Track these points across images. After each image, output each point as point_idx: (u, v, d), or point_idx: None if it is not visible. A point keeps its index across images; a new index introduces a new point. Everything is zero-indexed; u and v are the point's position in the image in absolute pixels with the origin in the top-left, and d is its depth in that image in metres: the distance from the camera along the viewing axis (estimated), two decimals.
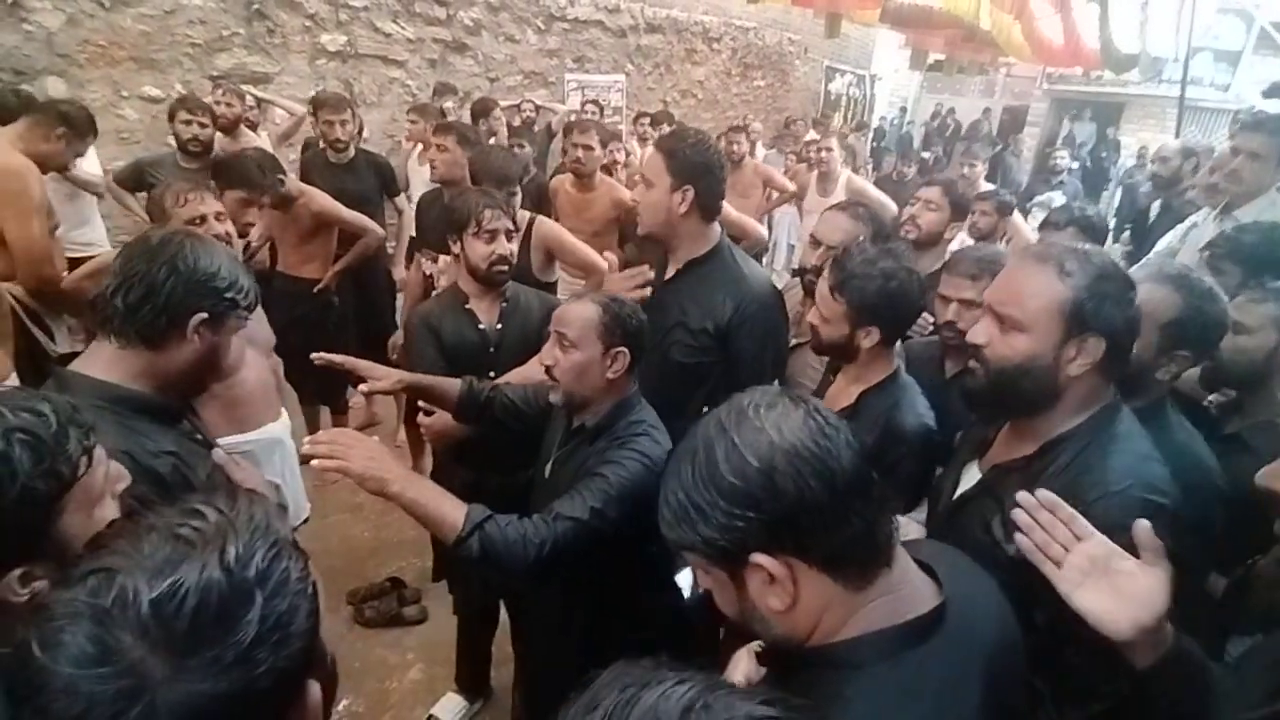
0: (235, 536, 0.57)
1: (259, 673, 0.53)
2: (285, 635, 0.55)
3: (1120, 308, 1.10)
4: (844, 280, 1.56)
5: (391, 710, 2.42)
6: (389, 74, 6.18)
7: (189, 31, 4.93)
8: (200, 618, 0.52)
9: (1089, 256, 1.13)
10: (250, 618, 0.54)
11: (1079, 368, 1.11)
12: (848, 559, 0.76)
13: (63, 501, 0.81)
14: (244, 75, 5.16)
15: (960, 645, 0.78)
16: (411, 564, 3.02)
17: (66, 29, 4.42)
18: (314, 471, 1.32)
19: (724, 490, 0.73)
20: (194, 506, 0.59)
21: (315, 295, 3.34)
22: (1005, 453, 1.22)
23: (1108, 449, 1.11)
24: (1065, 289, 1.09)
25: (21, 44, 4.28)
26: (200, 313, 1.20)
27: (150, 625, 0.51)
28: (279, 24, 5.37)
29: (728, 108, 10.14)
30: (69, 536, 0.81)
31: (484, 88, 6.79)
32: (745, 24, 10.05)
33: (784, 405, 0.78)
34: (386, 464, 1.29)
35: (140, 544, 0.55)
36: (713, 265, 1.88)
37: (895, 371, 1.63)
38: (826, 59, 12.00)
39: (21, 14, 4.25)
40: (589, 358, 1.48)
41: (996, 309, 1.16)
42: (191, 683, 0.51)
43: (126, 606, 0.51)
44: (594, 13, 7.88)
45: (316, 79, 5.62)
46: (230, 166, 2.69)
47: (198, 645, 0.52)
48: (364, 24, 5.90)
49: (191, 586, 0.52)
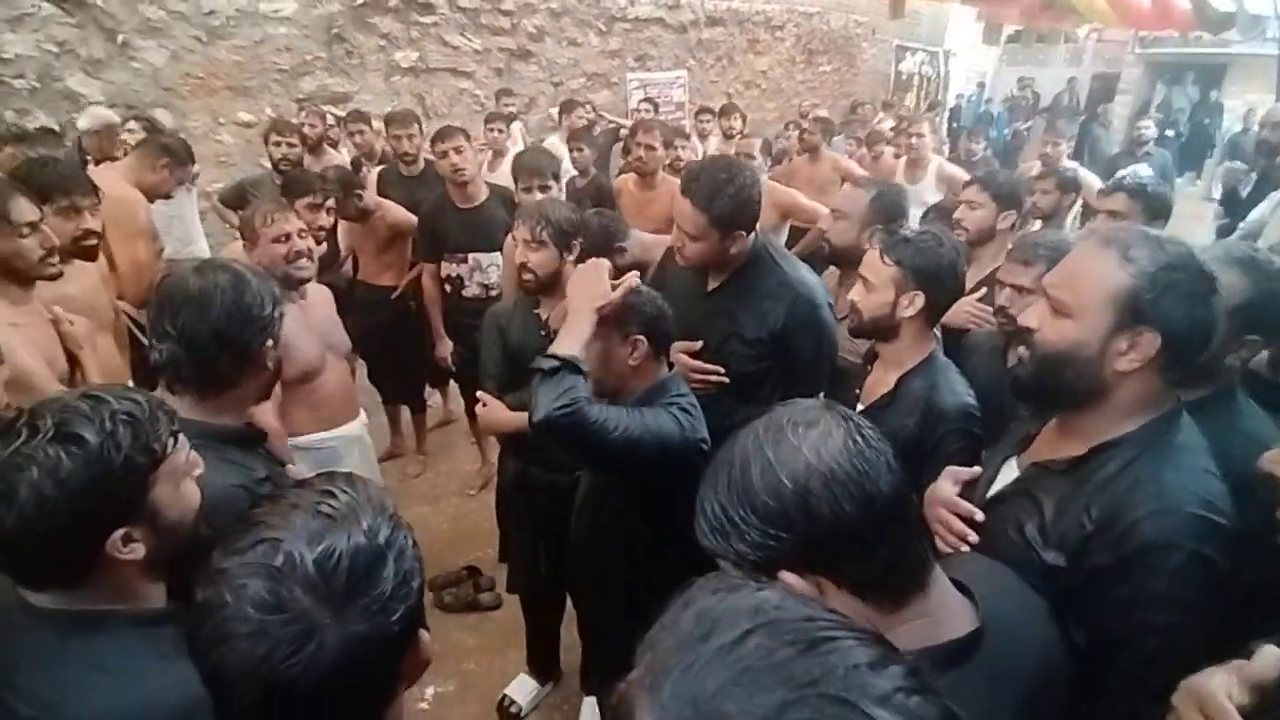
0: (365, 511, 0.69)
1: (394, 619, 0.65)
2: (409, 589, 0.68)
3: (1186, 304, 0.99)
4: (894, 244, 1.58)
5: (473, 691, 2.58)
6: (458, 85, 6.43)
7: (276, 59, 5.30)
8: (353, 575, 0.64)
9: (1162, 244, 1.02)
10: (386, 574, 0.66)
11: (1129, 363, 1.02)
12: (879, 584, 0.75)
13: (155, 474, 0.94)
14: (326, 96, 5.50)
15: (995, 675, 0.76)
16: (486, 554, 3.17)
17: (170, 64, 4.84)
18: (396, 467, 1.45)
19: (758, 509, 0.73)
20: (325, 488, 0.71)
21: (393, 301, 3.54)
22: (1048, 451, 1.15)
23: (1161, 461, 1.02)
24: (1123, 276, 1.01)
25: (131, 80, 4.71)
26: (268, 341, 1.34)
27: (315, 580, 0.63)
28: (356, 45, 5.69)
29: (792, 96, 9.99)
30: (160, 505, 0.95)
31: (548, 92, 6.97)
32: (809, 9, 9.88)
33: (825, 424, 0.76)
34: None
35: (291, 518, 0.67)
36: (757, 272, 1.90)
37: (932, 353, 1.63)
38: (896, 38, 11.62)
39: (130, 53, 4.68)
40: (609, 346, 1.55)
41: (1050, 292, 1.10)
42: (348, 626, 0.63)
43: (295, 567, 0.63)
44: (654, 10, 7.93)
45: (391, 95, 5.92)
46: (292, 179, 2.97)
47: (352, 596, 0.64)
48: (434, 39, 6.16)
49: (343, 550, 0.64)
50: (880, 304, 1.60)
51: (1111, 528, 0.99)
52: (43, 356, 1.80)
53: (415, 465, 3.81)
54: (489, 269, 3.22)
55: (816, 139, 4.61)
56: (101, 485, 0.88)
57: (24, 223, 1.79)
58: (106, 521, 0.90)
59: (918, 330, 1.61)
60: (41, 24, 4.33)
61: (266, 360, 1.36)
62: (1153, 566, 0.95)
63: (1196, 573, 0.95)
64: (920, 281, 1.56)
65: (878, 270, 1.60)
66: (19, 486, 0.84)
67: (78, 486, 0.86)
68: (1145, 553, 0.96)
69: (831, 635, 0.45)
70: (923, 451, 1.47)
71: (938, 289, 1.57)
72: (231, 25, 5.03)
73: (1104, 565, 0.98)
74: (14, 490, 0.84)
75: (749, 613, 0.46)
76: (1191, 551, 0.95)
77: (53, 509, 0.85)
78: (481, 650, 2.75)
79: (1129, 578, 0.97)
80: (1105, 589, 0.96)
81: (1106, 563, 0.98)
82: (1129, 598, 0.95)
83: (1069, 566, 1.01)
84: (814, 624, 0.45)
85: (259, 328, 1.32)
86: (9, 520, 0.84)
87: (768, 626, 0.45)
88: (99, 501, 0.88)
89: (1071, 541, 1.02)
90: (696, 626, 0.46)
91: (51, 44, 4.39)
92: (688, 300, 1.95)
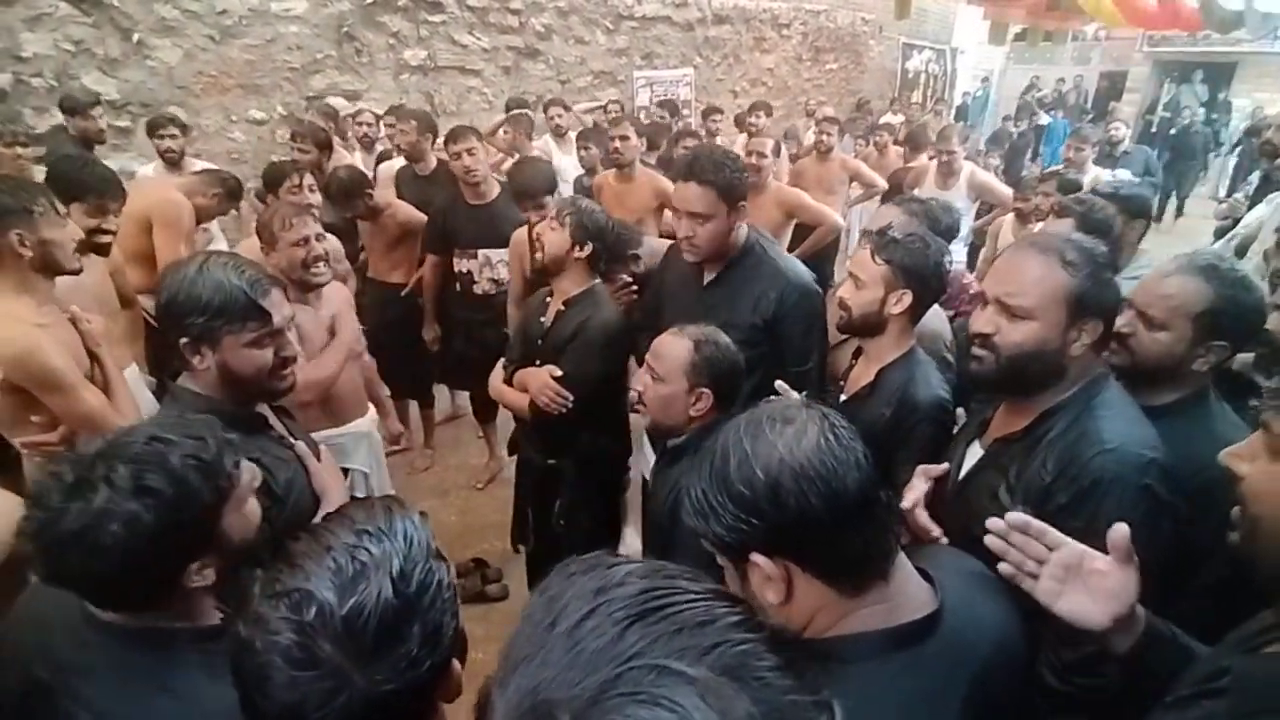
0: (399, 556, 0.71)
1: (423, 670, 0.69)
2: (439, 639, 0.71)
3: (1112, 290, 1.22)
4: (886, 244, 1.66)
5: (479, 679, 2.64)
6: (466, 83, 6.49)
7: (287, 57, 5.37)
8: (380, 632, 0.67)
9: (1083, 245, 1.23)
10: (415, 630, 0.69)
11: (1080, 348, 1.21)
12: (843, 571, 0.81)
13: (225, 507, 1.00)
14: (336, 94, 5.57)
15: (950, 655, 0.82)
16: (494, 546, 3.25)
17: (184, 63, 4.91)
18: (404, 460, 1.51)
19: (733, 496, 0.79)
20: (363, 528, 0.74)
21: (403, 299, 3.61)
22: (1004, 427, 1.30)
23: (1099, 413, 1.20)
24: (1068, 278, 1.19)
25: (147, 79, 4.79)
26: (183, 337, 1.36)
27: (343, 638, 0.66)
28: (366, 44, 5.75)
29: (799, 94, 10.02)
30: (230, 533, 1.01)
31: (555, 90, 7.01)
32: (815, 7, 9.88)
33: (801, 421, 0.82)
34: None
35: (323, 564, 0.70)
36: (749, 261, 2.00)
37: (911, 349, 1.70)
38: (903, 36, 11.62)
39: (145, 52, 4.76)
40: (674, 393, 1.57)
41: (1003, 299, 1.24)
42: (377, 682, 0.66)
43: (326, 623, 0.66)
44: (661, 9, 7.97)
45: (401, 93, 5.98)
46: (267, 172, 3.20)
47: (379, 653, 0.67)
48: (443, 37, 6.22)
49: (372, 607, 0.67)
50: (869, 300, 1.67)
51: (1066, 471, 1.16)
52: (70, 355, 1.85)
53: (423, 459, 3.88)
54: (498, 265, 3.29)
55: (833, 140, 4.66)
56: (179, 529, 0.93)
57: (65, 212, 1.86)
58: (185, 559, 0.96)
59: (901, 327, 1.69)
60: (59, 23, 4.41)
61: (189, 354, 1.37)
62: (1103, 495, 1.12)
63: (1142, 500, 1.11)
64: (908, 280, 1.64)
65: (868, 269, 1.67)
66: (103, 540, 0.89)
67: (159, 535, 0.91)
68: (1096, 485, 1.13)
69: (664, 604, 0.45)
70: (897, 438, 1.58)
71: (922, 284, 1.65)
72: (244, 24, 5.10)
73: (1063, 503, 1.14)
74: (99, 544, 0.89)
75: (590, 594, 0.47)
76: (1136, 483, 1.12)
77: (138, 559, 0.90)
78: (488, 640, 2.76)
79: (1083, 509, 1.13)
80: (1063, 522, 1.03)
81: (1064, 500, 1.15)
82: (1083, 527, 1.03)
83: (1036, 515, 1.08)
84: (649, 595, 0.46)
85: (182, 322, 1.35)
86: (101, 569, 0.90)
87: (605, 605, 0.45)
88: (178, 544, 0.94)
89: (1035, 492, 1.18)
90: (545, 614, 0.48)
91: (68, 43, 4.47)
92: (685, 294, 2.07)
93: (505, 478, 3.62)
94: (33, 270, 1.85)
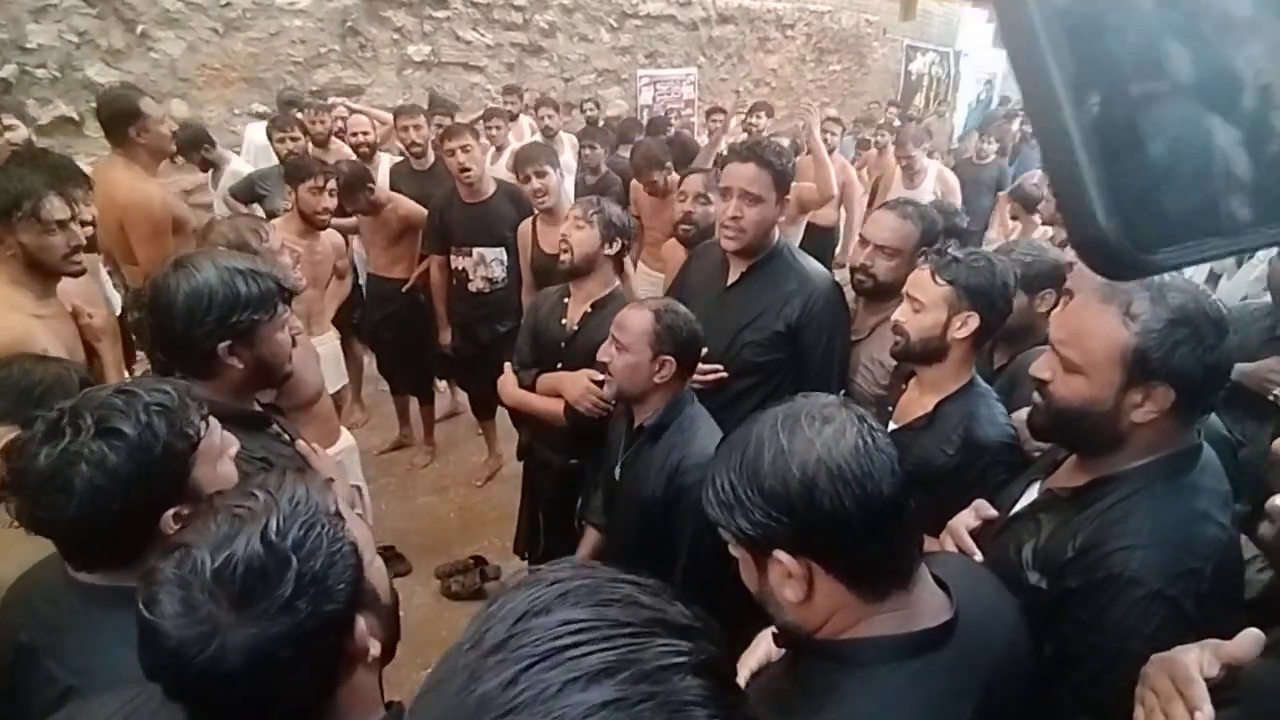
0: (276, 513, 0.74)
1: (302, 617, 0.70)
2: (323, 588, 0.72)
3: (1195, 355, 0.99)
4: (947, 264, 1.54)
5: None
6: (470, 79, 6.48)
7: (291, 51, 5.36)
8: (248, 580, 0.70)
9: (1164, 297, 1.01)
10: (288, 577, 0.71)
11: (1145, 415, 1.03)
12: (866, 575, 0.80)
13: (193, 457, 1.03)
14: (339, 89, 5.56)
15: (964, 662, 0.81)
16: (493, 543, 3.25)
17: (187, 55, 4.91)
18: (405, 457, 1.51)
19: (764, 491, 0.78)
20: (250, 489, 0.77)
21: (404, 294, 3.60)
22: (1063, 479, 1.18)
23: (1159, 499, 1.03)
24: (1127, 335, 1.01)
25: (150, 70, 4.78)
26: (224, 340, 1.33)
27: (213, 587, 0.69)
28: (370, 39, 5.74)
29: (802, 95, 9.99)
30: (202, 484, 1.04)
31: (559, 88, 7.00)
32: (820, 8, 9.87)
33: (840, 420, 0.81)
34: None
35: (208, 523, 0.74)
36: (776, 265, 1.97)
37: (972, 379, 1.59)
38: (907, 38, 11.60)
39: (149, 43, 4.75)
40: (638, 361, 1.62)
41: (1059, 349, 1.11)
42: (249, 627, 0.69)
43: (197, 574, 0.70)
44: (666, 8, 7.95)
45: (404, 88, 5.97)
46: (293, 165, 3.07)
47: (249, 600, 0.69)
48: (446, 33, 6.21)
49: (240, 557, 0.70)
50: (931, 325, 1.54)
51: (1088, 554, 1.03)
52: (65, 348, 1.86)
53: (423, 456, 3.88)
54: (492, 263, 3.29)
55: (836, 140, 4.70)
56: (147, 471, 0.96)
57: (54, 220, 1.84)
58: (156, 504, 0.99)
59: (964, 354, 1.56)
60: (64, 14, 4.40)
61: (225, 358, 1.35)
62: (1114, 596, 0.99)
63: (1157, 610, 0.97)
64: (974, 302, 1.52)
65: (929, 290, 1.55)
66: (74, 480, 0.93)
67: (126, 475, 0.95)
68: (1109, 582, 1.00)
69: (574, 643, 0.42)
70: (966, 483, 1.44)
71: (990, 306, 1.53)
72: (248, 17, 5.09)
73: (1073, 588, 1.03)
74: (70, 484, 0.93)
75: (512, 620, 0.45)
76: (1155, 590, 0.97)
77: (107, 497, 0.93)
78: None
79: (1091, 602, 1.01)
80: (1071, 609, 1.02)
81: (1075, 585, 1.03)
82: (1087, 620, 1.00)
83: (1048, 588, 1.07)
84: (564, 629, 0.43)
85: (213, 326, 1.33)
86: (70, 509, 0.93)
87: (516, 638, 0.43)
88: (147, 486, 0.97)
89: (1054, 565, 1.06)
90: (471, 634, 0.46)
91: (73, 34, 4.46)
92: (708, 292, 2.04)
93: (504, 475, 3.63)
94: (27, 266, 1.86)
